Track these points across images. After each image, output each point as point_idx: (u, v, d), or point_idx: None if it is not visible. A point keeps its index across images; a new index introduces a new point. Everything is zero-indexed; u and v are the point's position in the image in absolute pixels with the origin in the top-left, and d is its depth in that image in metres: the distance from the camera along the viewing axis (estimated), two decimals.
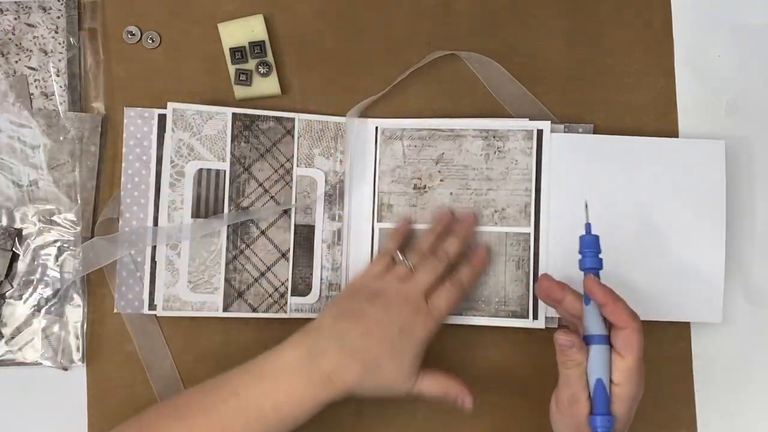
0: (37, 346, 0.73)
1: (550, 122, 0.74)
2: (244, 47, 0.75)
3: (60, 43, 0.75)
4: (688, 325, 0.75)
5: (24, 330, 0.73)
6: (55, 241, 0.74)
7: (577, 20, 0.77)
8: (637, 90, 0.77)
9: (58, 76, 0.74)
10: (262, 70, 0.75)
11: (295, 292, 0.74)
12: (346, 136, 0.75)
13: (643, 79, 0.77)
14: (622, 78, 0.77)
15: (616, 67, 0.77)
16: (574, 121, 0.75)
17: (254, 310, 0.73)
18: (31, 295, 0.73)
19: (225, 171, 0.74)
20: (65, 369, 0.74)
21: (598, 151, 0.74)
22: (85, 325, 0.74)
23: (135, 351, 0.73)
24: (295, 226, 0.74)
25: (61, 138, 0.74)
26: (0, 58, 0.74)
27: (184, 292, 0.72)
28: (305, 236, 0.74)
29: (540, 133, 0.73)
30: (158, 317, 0.73)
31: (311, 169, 0.75)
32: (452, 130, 0.74)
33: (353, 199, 0.75)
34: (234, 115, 0.74)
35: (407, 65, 0.76)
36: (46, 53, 0.75)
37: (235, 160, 0.74)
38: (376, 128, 0.75)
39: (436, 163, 0.74)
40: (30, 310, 0.73)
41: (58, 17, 0.75)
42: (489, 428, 0.74)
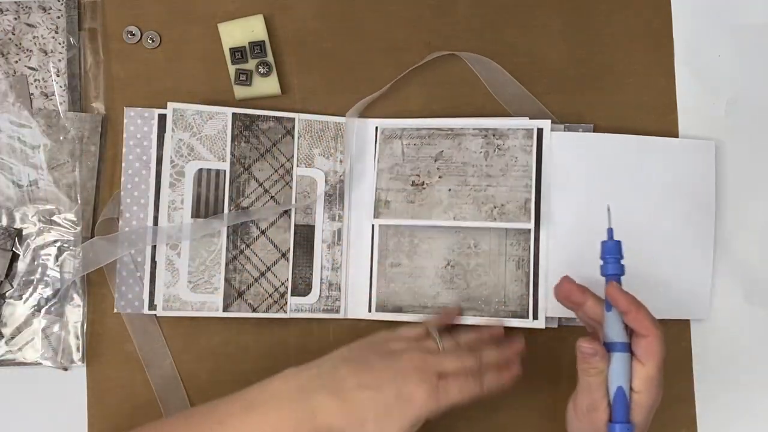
0: (37, 346, 0.73)
1: (550, 121, 0.74)
2: (244, 47, 0.75)
3: (60, 43, 0.75)
4: (688, 324, 0.75)
5: (24, 330, 0.73)
6: (55, 241, 0.74)
7: (577, 20, 0.77)
8: (637, 90, 0.77)
9: (58, 76, 0.74)
10: (262, 70, 0.75)
11: (295, 292, 0.74)
12: (345, 136, 0.75)
13: (643, 79, 0.77)
14: (622, 78, 0.77)
15: (616, 67, 0.77)
16: (574, 121, 0.75)
17: (254, 310, 0.73)
18: (31, 295, 0.73)
19: (225, 171, 0.74)
20: (65, 369, 0.74)
21: (597, 150, 0.74)
22: (85, 325, 0.73)
23: (135, 351, 0.73)
24: (295, 226, 0.74)
25: (61, 138, 0.74)
26: (0, 58, 0.74)
27: (184, 292, 0.72)
28: (305, 236, 0.74)
29: (540, 132, 0.73)
30: (158, 317, 0.73)
31: (311, 169, 0.75)
32: (451, 129, 0.74)
33: (353, 199, 0.75)
34: (234, 115, 0.74)
35: (407, 65, 0.76)
36: (46, 53, 0.75)
37: (235, 160, 0.74)
38: (376, 128, 0.75)
39: (435, 161, 0.74)
40: (30, 310, 0.73)
41: (58, 17, 0.75)
42: (489, 427, 0.74)
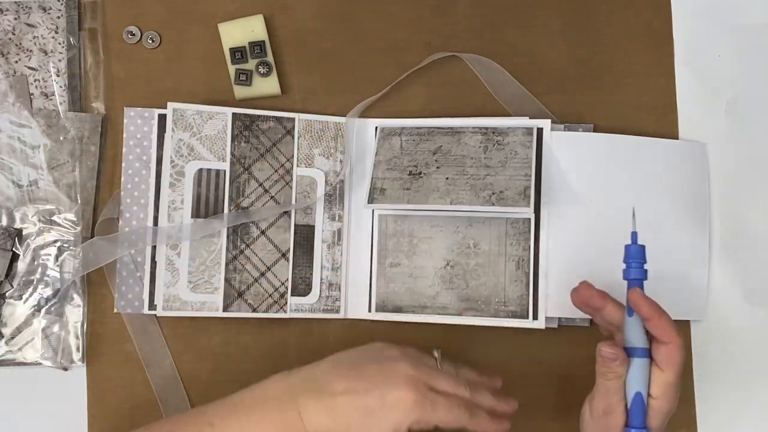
0: (37, 346, 0.73)
1: (550, 121, 0.73)
2: (244, 47, 0.75)
3: (60, 43, 0.75)
4: (688, 324, 0.75)
5: (24, 330, 0.73)
6: (55, 241, 0.74)
7: (577, 20, 0.77)
8: (637, 90, 0.77)
9: (58, 76, 0.74)
10: (262, 70, 0.75)
11: (295, 292, 0.74)
12: (345, 137, 0.75)
13: (643, 79, 0.77)
14: (622, 78, 0.77)
15: (616, 67, 0.77)
16: (574, 121, 0.75)
17: (254, 310, 0.73)
18: (31, 295, 0.73)
19: (225, 171, 0.74)
20: (65, 369, 0.74)
21: (597, 150, 0.74)
22: (85, 325, 0.73)
23: (135, 351, 0.73)
24: (295, 226, 0.74)
25: (61, 138, 0.74)
26: (0, 58, 0.74)
27: (184, 292, 0.72)
28: (305, 236, 0.74)
29: (540, 131, 0.73)
30: (158, 317, 0.73)
31: (311, 169, 0.75)
32: (451, 128, 0.74)
33: (353, 200, 0.75)
34: (234, 115, 0.74)
35: (407, 65, 0.76)
36: (46, 53, 0.75)
37: (235, 160, 0.74)
38: (376, 128, 0.75)
39: (434, 154, 0.73)
40: (30, 310, 0.73)
41: (58, 17, 0.75)
42: None
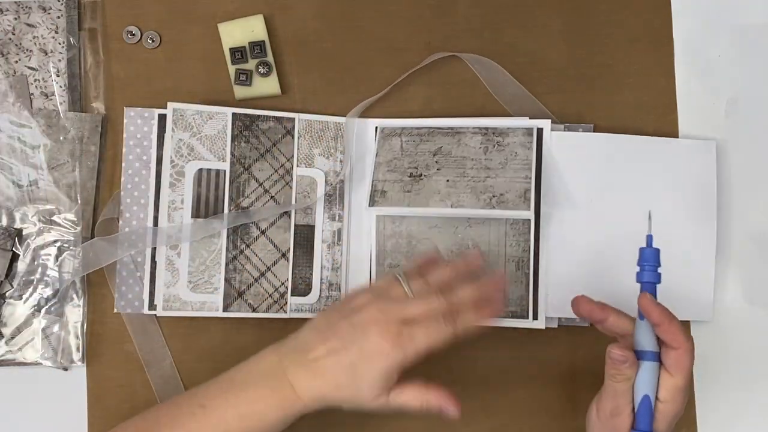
0: (37, 346, 0.73)
1: (550, 121, 0.73)
2: (244, 47, 0.75)
3: (60, 43, 0.75)
4: (688, 325, 0.75)
5: (24, 330, 0.73)
6: (55, 241, 0.74)
7: (577, 20, 0.77)
8: (637, 90, 0.76)
9: (58, 76, 0.74)
10: (262, 70, 0.75)
11: (295, 292, 0.74)
12: (345, 137, 0.75)
13: (643, 79, 0.77)
14: (622, 78, 0.77)
15: (616, 67, 0.77)
16: (574, 121, 0.75)
17: (254, 310, 0.73)
18: (31, 295, 0.73)
19: (225, 171, 0.74)
20: (65, 369, 0.74)
21: (597, 150, 0.74)
22: (84, 325, 0.73)
23: (135, 351, 0.73)
24: (295, 226, 0.74)
25: (61, 138, 0.74)
26: (0, 58, 0.74)
27: (184, 292, 0.72)
28: (305, 236, 0.74)
29: (540, 131, 0.73)
30: (158, 317, 0.73)
31: (311, 169, 0.75)
32: (451, 128, 0.74)
33: (353, 200, 0.75)
34: (234, 115, 0.74)
35: (407, 65, 0.76)
36: (46, 53, 0.75)
37: (235, 160, 0.74)
38: (376, 128, 0.75)
39: (434, 155, 0.73)
40: (30, 310, 0.73)
41: (58, 17, 0.75)
42: (489, 428, 0.74)
